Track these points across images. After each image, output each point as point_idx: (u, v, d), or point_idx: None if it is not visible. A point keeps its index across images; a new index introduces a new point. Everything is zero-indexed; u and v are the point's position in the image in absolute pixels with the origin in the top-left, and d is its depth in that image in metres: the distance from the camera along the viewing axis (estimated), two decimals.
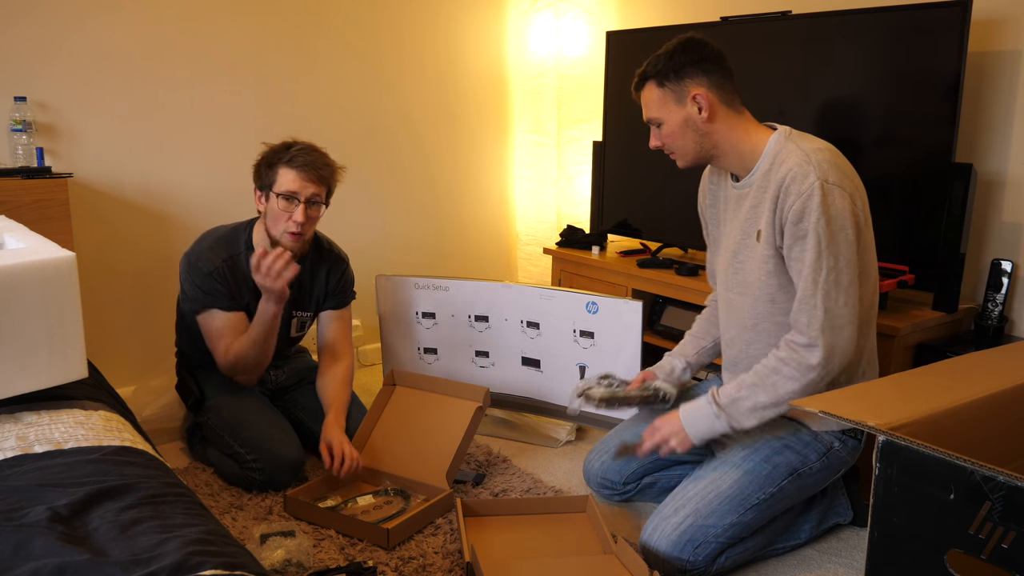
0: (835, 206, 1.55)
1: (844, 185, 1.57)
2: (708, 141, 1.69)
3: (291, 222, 1.99)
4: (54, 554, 0.95)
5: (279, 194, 1.99)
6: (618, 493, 1.99)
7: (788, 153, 1.61)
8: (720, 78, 1.66)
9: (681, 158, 1.74)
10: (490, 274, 3.44)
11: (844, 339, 1.58)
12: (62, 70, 2.38)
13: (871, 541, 1.04)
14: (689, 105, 1.66)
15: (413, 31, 3.06)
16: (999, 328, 2.08)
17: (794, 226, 1.57)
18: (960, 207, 1.97)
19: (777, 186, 1.60)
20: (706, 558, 1.67)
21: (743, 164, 1.70)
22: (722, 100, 1.67)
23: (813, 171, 1.55)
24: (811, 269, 1.56)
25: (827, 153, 1.61)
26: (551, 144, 3.28)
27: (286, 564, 1.65)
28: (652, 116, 1.72)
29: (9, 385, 1.34)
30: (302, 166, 1.99)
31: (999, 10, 2.09)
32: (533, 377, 2.44)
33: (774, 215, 1.61)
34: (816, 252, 1.55)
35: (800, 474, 1.72)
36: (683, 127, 1.68)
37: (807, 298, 1.57)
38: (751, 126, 1.70)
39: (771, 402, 1.61)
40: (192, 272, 2.07)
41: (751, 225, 1.70)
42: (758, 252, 1.68)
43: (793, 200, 1.56)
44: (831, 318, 1.56)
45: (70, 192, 2.24)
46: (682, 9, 2.92)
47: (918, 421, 1.05)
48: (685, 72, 1.65)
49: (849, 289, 1.57)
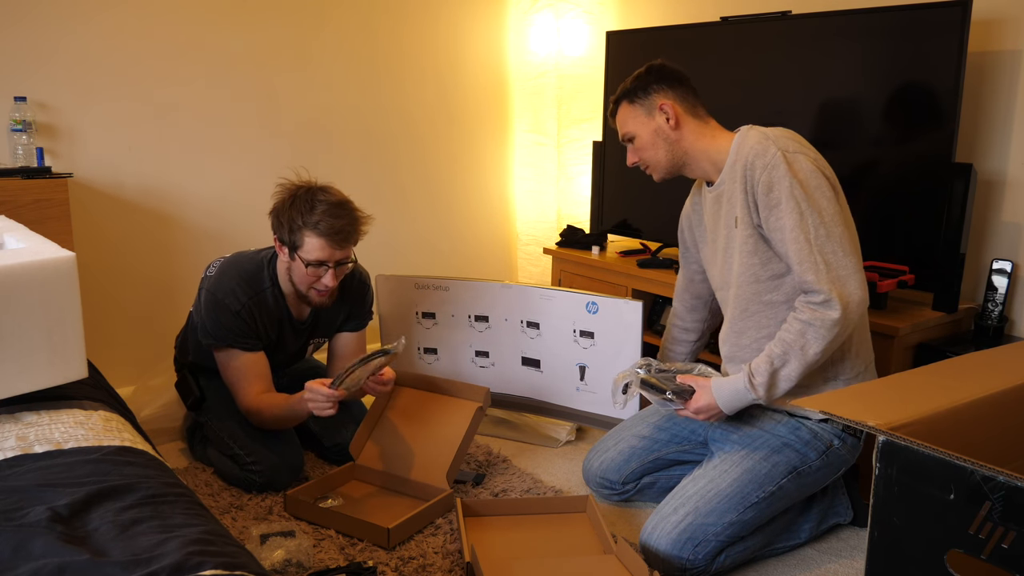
0: (803, 169, 1.62)
1: (807, 152, 1.65)
2: (678, 149, 1.79)
3: (320, 283, 1.95)
4: (54, 554, 0.95)
5: (307, 262, 1.92)
6: (617, 493, 1.99)
7: (746, 138, 1.70)
8: (683, 91, 1.80)
9: (655, 170, 1.84)
10: (490, 274, 3.44)
11: (854, 286, 1.60)
12: (62, 70, 2.38)
13: (871, 541, 1.03)
14: (657, 115, 1.78)
15: (413, 31, 3.06)
16: (999, 328, 2.08)
17: (766, 196, 1.63)
18: (960, 207, 1.97)
19: (743, 167, 1.67)
20: (706, 557, 1.67)
21: (715, 167, 1.79)
22: (687, 110, 1.79)
23: (772, 144, 1.64)
24: (798, 230, 1.60)
25: (785, 132, 1.70)
26: (551, 144, 3.28)
27: (286, 564, 1.65)
28: (626, 131, 1.84)
29: (9, 385, 1.34)
30: (329, 234, 1.88)
31: (999, 10, 2.09)
32: (533, 377, 2.44)
33: (746, 196, 1.68)
34: (797, 213, 1.60)
35: (800, 472, 1.72)
36: (654, 137, 1.80)
37: (805, 257, 1.60)
38: (717, 132, 1.79)
39: (803, 366, 1.64)
40: (218, 310, 2.00)
41: (729, 216, 1.76)
42: (738, 237, 1.73)
43: (760, 173, 1.63)
44: (834, 269, 1.59)
45: (70, 192, 2.23)
46: (682, 9, 2.92)
47: (918, 421, 1.05)
48: (651, 88, 1.79)
49: (842, 240, 1.61)
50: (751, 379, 1.66)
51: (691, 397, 1.76)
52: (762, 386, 1.65)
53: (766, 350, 1.67)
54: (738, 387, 1.69)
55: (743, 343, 1.79)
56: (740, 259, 1.73)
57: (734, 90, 2.44)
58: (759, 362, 1.67)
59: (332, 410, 1.88)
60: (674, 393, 1.77)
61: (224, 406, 2.11)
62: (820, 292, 1.59)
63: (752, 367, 1.67)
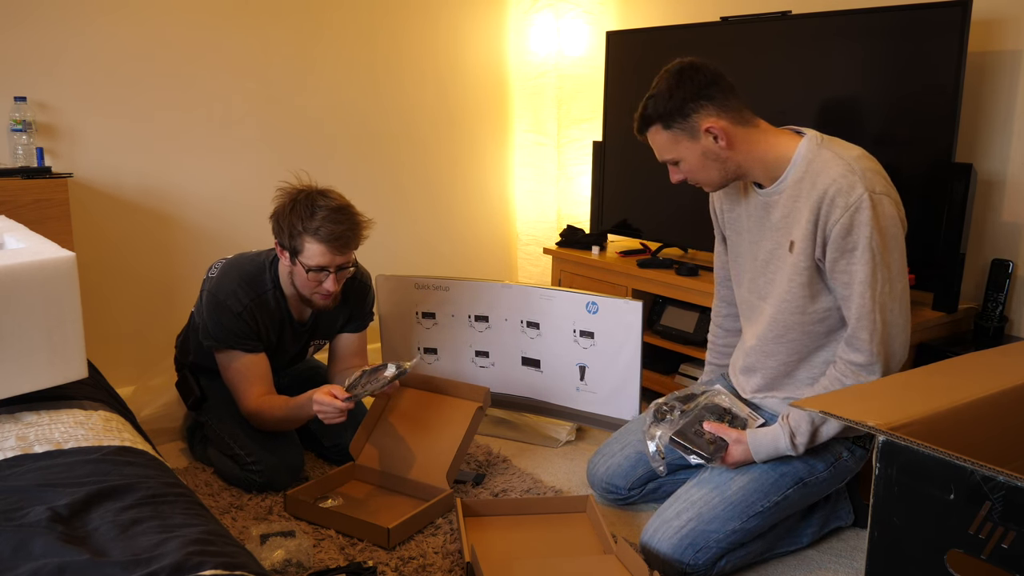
0: (885, 216, 1.51)
1: (891, 194, 1.54)
2: (732, 164, 1.63)
3: (322, 288, 1.95)
4: (54, 554, 0.95)
5: (308, 268, 1.92)
6: (622, 499, 1.98)
7: (825, 162, 1.55)
8: (724, 99, 1.58)
9: (708, 185, 1.69)
10: (490, 274, 3.44)
11: (899, 345, 1.58)
12: (62, 70, 2.38)
13: (871, 541, 1.03)
14: (704, 138, 1.59)
15: (413, 31, 3.05)
16: (999, 328, 2.08)
17: (841, 239, 1.52)
18: (960, 207, 1.97)
19: (819, 198, 1.54)
20: (707, 562, 1.66)
21: (769, 173, 1.65)
22: (735, 121, 1.59)
23: (859, 182, 1.50)
24: (866, 284, 1.53)
25: (868, 161, 1.56)
26: (551, 144, 3.28)
27: (286, 564, 1.65)
28: (668, 158, 1.66)
29: (9, 385, 1.34)
30: (329, 240, 1.88)
31: (999, 10, 2.09)
32: (533, 377, 2.44)
33: (816, 227, 1.56)
34: (871, 266, 1.51)
35: (806, 483, 1.71)
36: (703, 160, 1.62)
37: (866, 314, 1.54)
38: (771, 136, 1.63)
39: (841, 424, 1.59)
40: (220, 311, 2.00)
41: (783, 235, 1.65)
42: (790, 262, 1.64)
43: (840, 213, 1.51)
44: (888, 327, 1.55)
45: (70, 192, 2.23)
46: (682, 9, 2.92)
47: (918, 421, 1.05)
48: (689, 108, 1.57)
49: (903, 296, 1.56)
50: (792, 439, 1.63)
51: (725, 450, 1.71)
52: (803, 444, 1.63)
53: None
54: (779, 446, 1.64)
55: (769, 364, 1.75)
56: (789, 287, 1.65)
57: None
58: (799, 421, 1.62)
59: (341, 418, 1.89)
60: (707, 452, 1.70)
61: (225, 406, 2.11)
62: (866, 354, 1.56)
63: (792, 426, 1.62)
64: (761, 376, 1.78)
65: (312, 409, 1.90)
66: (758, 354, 1.77)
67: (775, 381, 1.75)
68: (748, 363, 1.81)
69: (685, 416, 1.77)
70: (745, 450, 1.69)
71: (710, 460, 1.71)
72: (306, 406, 1.92)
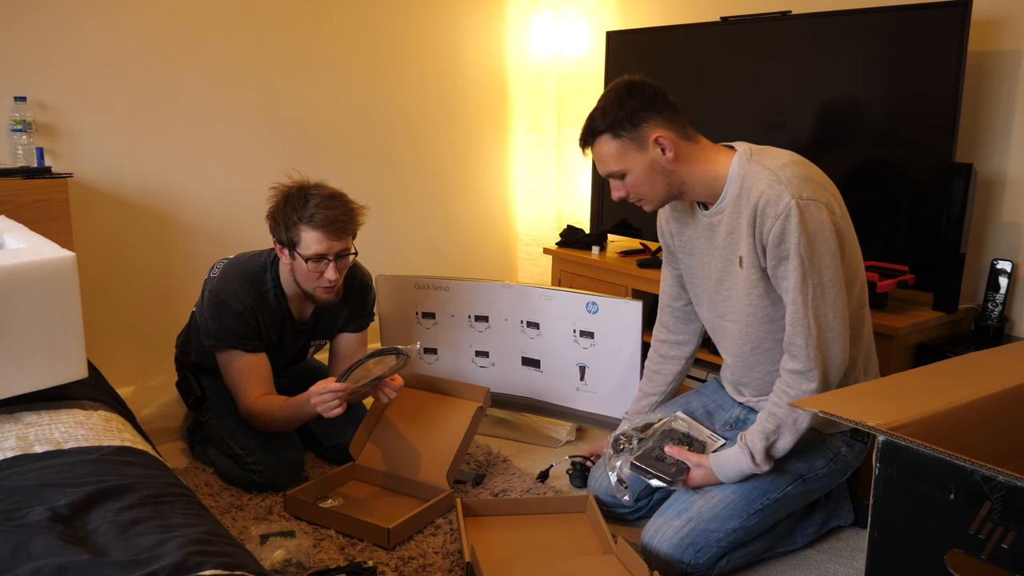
0: (813, 221, 1.53)
1: (819, 197, 1.55)
2: (675, 179, 1.65)
3: (323, 279, 1.95)
4: (54, 554, 0.95)
5: (307, 257, 1.91)
6: (630, 511, 1.95)
7: (755, 175, 1.58)
8: (671, 114, 1.63)
9: (650, 202, 1.69)
10: (490, 274, 3.44)
11: (836, 351, 1.58)
12: (62, 70, 2.38)
13: (871, 541, 1.03)
14: (652, 149, 1.61)
15: (413, 31, 3.06)
16: (999, 328, 2.08)
17: (775, 248, 1.56)
18: (960, 207, 1.97)
19: (752, 211, 1.57)
20: (707, 561, 1.66)
21: (711, 192, 1.67)
22: (681, 136, 1.63)
23: (785, 190, 1.53)
24: (798, 291, 1.55)
25: (795, 167, 1.57)
26: (551, 144, 3.28)
27: (286, 564, 1.65)
28: (613, 170, 1.66)
29: (9, 385, 1.34)
30: (324, 225, 1.88)
31: (999, 10, 2.09)
32: (533, 377, 2.44)
33: (754, 239, 1.59)
34: (800, 273, 1.54)
35: (806, 479, 1.71)
36: (649, 172, 1.63)
37: (799, 320, 1.57)
38: (710, 152, 1.66)
39: (796, 436, 1.63)
40: (222, 311, 2.00)
41: (731, 252, 1.68)
42: (743, 277, 1.66)
43: (771, 223, 1.54)
44: (823, 331, 1.57)
45: (70, 192, 2.23)
46: (682, 9, 2.92)
47: (918, 421, 1.05)
48: (639, 117, 1.60)
49: (836, 301, 1.57)
50: (752, 458, 1.64)
51: (686, 472, 1.72)
52: (764, 461, 1.64)
53: (759, 423, 1.65)
54: (742, 467, 1.66)
55: (755, 375, 1.76)
56: (748, 300, 1.67)
57: (734, 90, 2.44)
58: (754, 439, 1.64)
59: (341, 408, 1.86)
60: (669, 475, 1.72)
61: (225, 406, 2.11)
62: (803, 360, 1.58)
63: (750, 446, 1.64)
64: (751, 388, 1.81)
65: (312, 409, 1.90)
66: (741, 369, 1.79)
67: (767, 388, 1.76)
68: (735, 379, 1.84)
69: (643, 444, 1.79)
70: (707, 473, 1.70)
71: (672, 483, 1.71)
72: (306, 405, 1.92)
